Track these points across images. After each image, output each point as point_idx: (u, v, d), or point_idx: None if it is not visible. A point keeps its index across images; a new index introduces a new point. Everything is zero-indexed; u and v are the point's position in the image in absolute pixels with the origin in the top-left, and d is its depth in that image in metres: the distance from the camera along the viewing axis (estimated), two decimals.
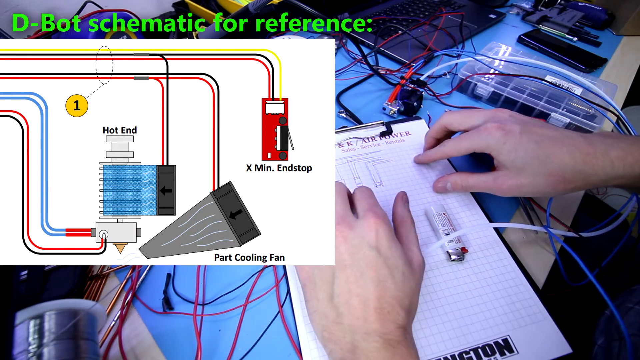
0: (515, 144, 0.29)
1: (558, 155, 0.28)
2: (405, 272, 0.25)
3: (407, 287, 0.25)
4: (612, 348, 0.27)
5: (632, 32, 0.76)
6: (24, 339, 0.22)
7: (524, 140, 0.29)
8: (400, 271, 0.25)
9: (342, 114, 0.50)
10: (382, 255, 0.25)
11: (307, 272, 0.27)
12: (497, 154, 0.30)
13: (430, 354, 0.28)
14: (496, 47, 0.60)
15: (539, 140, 0.29)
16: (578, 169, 0.28)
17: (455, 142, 0.34)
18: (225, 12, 0.67)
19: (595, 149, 0.28)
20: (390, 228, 0.27)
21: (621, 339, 0.26)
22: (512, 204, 0.39)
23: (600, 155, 0.28)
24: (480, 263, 0.33)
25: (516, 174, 0.29)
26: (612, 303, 0.27)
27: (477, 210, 0.37)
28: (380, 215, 0.27)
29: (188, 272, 0.33)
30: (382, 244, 0.25)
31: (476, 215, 0.37)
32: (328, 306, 0.24)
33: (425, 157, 0.40)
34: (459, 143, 0.34)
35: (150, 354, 0.28)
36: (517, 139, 0.29)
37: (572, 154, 0.28)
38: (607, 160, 0.28)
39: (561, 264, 0.33)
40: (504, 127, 0.30)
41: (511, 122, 0.31)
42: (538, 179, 0.29)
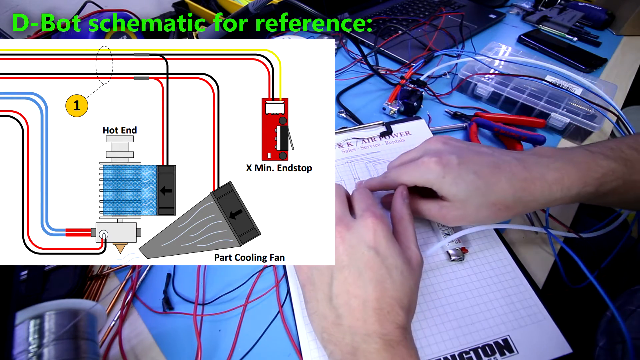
0: (455, 177, 0.28)
1: (497, 184, 0.28)
2: (404, 272, 0.25)
3: (406, 286, 0.25)
4: (615, 351, 0.27)
5: (632, 32, 0.76)
6: (24, 339, 0.22)
7: (462, 171, 0.29)
8: (399, 271, 0.25)
9: (342, 114, 0.50)
10: (381, 255, 0.25)
11: (306, 273, 0.27)
12: (438, 189, 0.29)
13: (430, 354, 0.28)
14: (496, 47, 0.60)
15: (477, 170, 0.29)
16: (518, 196, 0.28)
17: (395, 175, 0.33)
18: (225, 12, 0.67)
19: (532, 174, 0.28)
20: (388, 228, 0.27)
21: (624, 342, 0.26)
22: None
23: (537, 180, 0.28)
24: (480, 263, 0.33)
25: (460, 205, 0.29)
26: (613, 304, 0.27)
27: None
28: (378, 215, 0.27)
29: (188, 272, 0.33)
30: (380, 243, 0.25)
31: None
32: (327, 307, 0.24)
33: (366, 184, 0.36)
34: (398, 177, 0.32)
35: (150, 354, 0.28)
36: (455, 171, 0.29)
37: (510, 182, 0.28)
38: (545, 185, 0.28)
39: (561, 266, 0.33)
40: (441, 161, 0.29)
41: (448, 153, 0.30)
42: (481, 210, 0.29)
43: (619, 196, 0.30)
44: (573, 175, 0.28)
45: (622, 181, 0.28)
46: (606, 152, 0.29)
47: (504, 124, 0.46)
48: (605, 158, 0.29)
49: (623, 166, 0.28)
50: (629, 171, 0.28)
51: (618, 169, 0.28)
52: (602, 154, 0.29)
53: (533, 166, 0.29)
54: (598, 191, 0.28)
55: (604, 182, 0.28)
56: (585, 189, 0.28)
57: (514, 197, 0.28)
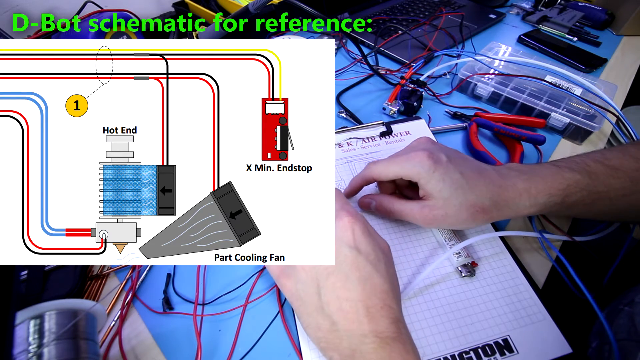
0: (443, 173, 0.29)
1: (478, 187, 0.30)
2: (386, 262, 0.26)
3: (390, 275, 0.25)
4: (603, 352, 0.27)
5: (632, 32, 0.76)
6: (24, 339, 0.22)
7: (450, 169, 0.30)
8: (382, 263, 0.25)
9: (342, 114, 0.50)
10: (363, 252, 0.25)
11: (290, 290, 0.26)
12: (425, 182, 0.30)
13: (430, 354, 0.28)
14: (496, 47, 0.60)
15: (463, 171, 0.30)
16: (494, 200, 0.30)
17: (384, 164, 0.33)
18: (225, 12, 0.67)
19: (505, 182, 0.30)
20: (364, 222, 0.27)
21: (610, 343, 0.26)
22: None
23: (510, 187, 0.30)
24: (480, 263, 0.33)
25: (442, 204, 0.30)
26: (608, 306, 0.27)
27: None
28: (352, 213, 0.27)
29: (188, 272, 0.33)
30: (360, 241, 0.25)
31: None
32: (320, 317, 0.24)
33: (349, 187, 0.36)
34: (387, 166, 0.32)
35: (150, 354, 0.28)
36: (444, 167, 0.30)
37: (487, 187, 0.30)
38: (516, 192, 0.30)
39: (561, 271, 0.33)
40: (433, 156, 0.30)
41: (437, 151, 0.31)
42: (461, 210, 0.29)
43: (586, 207, 0.31)
44: (540, 186, 0.30)
45: (587, 192, 0.30)
46: (572, 165, 0.31)
47: (504, 124, 0.46)
48: (570, 171, 0.31)
49: (587, 178, 0.30)
50: (593, 182, 0.30)
51: (582, 180, 0.30)
52: (568, 167, 0.31)
53: (506, 176, 0.31)
54: (564, 202, 0.30)
55: (569, 193, 0.30)
56: (551, 199, 0.30)
57: (490, 201, 0.29)
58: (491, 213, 0.30)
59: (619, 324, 0.27)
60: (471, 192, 0.29)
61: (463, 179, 0.30)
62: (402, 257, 0.33)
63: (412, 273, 0.32)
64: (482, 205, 0.29)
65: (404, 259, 0.33)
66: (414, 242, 0.34)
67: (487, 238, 0.34)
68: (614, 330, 0.27)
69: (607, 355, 0.27)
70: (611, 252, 0.37)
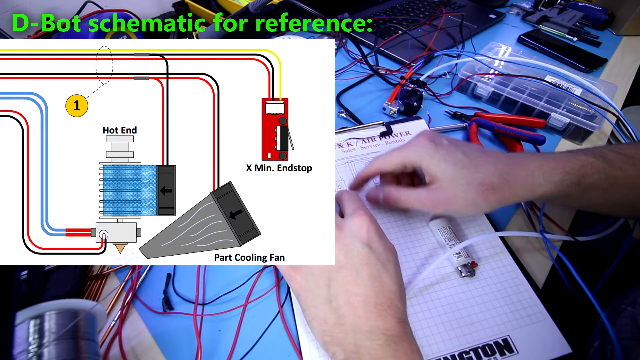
0: (445, 154, 0.30)
1: (484, 165, 0.29)
2: (394, 263, 0.26)
3: (398, 277, 0.26)
4: (605, 352, 0.27)
5: (632, 32, 0.76)
6: (24, 339, 0.22)
7: (452, 150, 0.30)
8: (391, 264, 0.26)
9: (342, 114, 0.50)
10: (375, 250, 0.26)
11: (299, 282, 0.26)
12: (428, 165, 0.30)
13: (430, 354, 0.28)
14: (496, 47, 0.60)
15: (466, 152, 0.30)
16: (504, 177, 0.29)
17: (387, 154, 0.33)
18: (225, 12, 0.67)
19: (514, 161, 0.30)
20: (377, 224, 0.28)
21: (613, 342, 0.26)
22: (512, 205, 0.39)
23: (519, 166, 0.29)
24: (481, 264, 0.33)
25: (449, 185, 0.29)
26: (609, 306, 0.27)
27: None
28: (368, 214, 0.28)
29: (188, 272, 0.33)
30: (373, 239, 0.26)
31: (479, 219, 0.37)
32: (327, 310, 0.24)
33: (355, 180, 0.37)
34: (389, 156, 0.33)
35: (150, 354, 0.28)
36: (446, 148, 0.30)
37: (495, 165, 0.29)
38: (528, 170, 0.29)
39: (561, 271, 0.33)
40: (434, 140, 0.31)
41: (438, 136, 0.31)
42: (470, 190, 0.28)
43: (603, 193, 0.30)
44: (553, 164, 0.29)
45: (604, 175, 0.29)
46: (585, 151, 0.30)
47: (504, 124, 0.46)
48: (584, 154, 0.30)
49: (603, 161, 0.29)
50: (609, 166, 0.29)
51: (597, 162, 0.29)
52: (581, 152, 0.30)
53: (514, 157, 0.30)
54: (581, 182, 0.29)
55: (584, 173, 0.29)
56: (567, 177, 0.29)
57: (499, 178, 0.29)
58: (503, 192, 0.28)
59: (621, 323, 0.27)
60: (477, 171, 0.29)
61: (467, 158, 0.29)
62: (403, 257, 0.33)
63: (412, 273, 0.32)
64: (492, 182, 0.28)
65: (404, 259, 0.33)
66: (414, 242, 0.34)
67: (487, 238, 0.34)
68: (617, 330, 0.27)
69: (610, 355, 0.26)
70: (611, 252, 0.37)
